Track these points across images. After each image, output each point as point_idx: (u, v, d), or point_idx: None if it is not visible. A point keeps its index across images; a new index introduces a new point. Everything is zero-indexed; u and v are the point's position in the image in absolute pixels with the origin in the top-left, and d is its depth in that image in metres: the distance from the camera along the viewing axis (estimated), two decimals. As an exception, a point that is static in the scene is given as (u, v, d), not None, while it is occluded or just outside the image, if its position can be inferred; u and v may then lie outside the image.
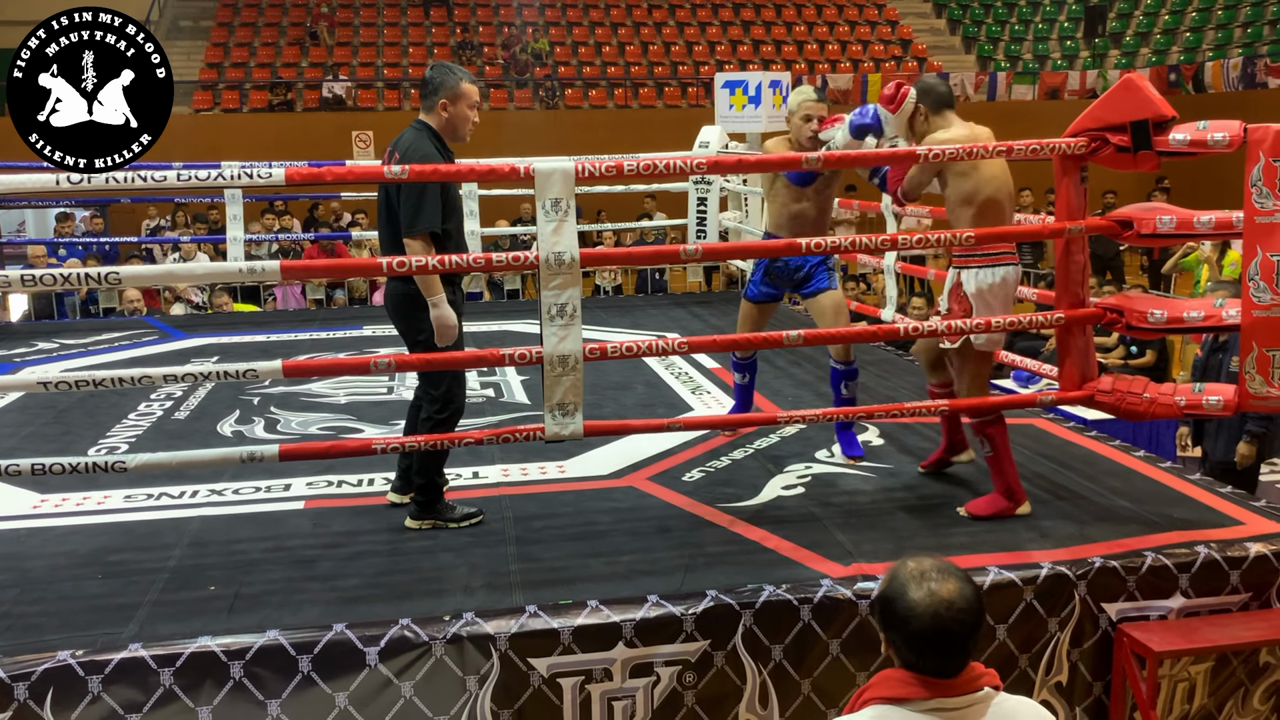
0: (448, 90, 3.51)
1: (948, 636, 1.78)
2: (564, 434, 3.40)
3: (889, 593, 1.85)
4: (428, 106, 3.54)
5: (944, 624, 1.77)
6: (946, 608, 1.78)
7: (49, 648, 2.75)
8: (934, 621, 1.77)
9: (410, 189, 3.36)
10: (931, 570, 1.83)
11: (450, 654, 2.83)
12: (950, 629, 1.78)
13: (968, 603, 1.80)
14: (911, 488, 3.93)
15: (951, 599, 1.79)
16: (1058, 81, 19.38)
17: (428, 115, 3.55)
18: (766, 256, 3.81)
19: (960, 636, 1.79)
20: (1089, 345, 3.72)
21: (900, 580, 1.84)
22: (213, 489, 4.03)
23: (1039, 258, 11.98)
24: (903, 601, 1.81)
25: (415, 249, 3.37)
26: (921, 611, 1.78)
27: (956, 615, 1.78)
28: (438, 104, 3.52)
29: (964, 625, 1.79)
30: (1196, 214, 3.45)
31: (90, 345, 6.97)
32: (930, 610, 1.78)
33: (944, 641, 1.78)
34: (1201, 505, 3.70)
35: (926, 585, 1.80)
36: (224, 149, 12.72)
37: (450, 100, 3.52)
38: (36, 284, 3.08)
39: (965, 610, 1.79)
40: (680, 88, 18.79)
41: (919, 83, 3.77)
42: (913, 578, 1.82)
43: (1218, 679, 3.27)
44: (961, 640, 1.79)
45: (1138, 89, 3.44)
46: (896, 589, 1.83)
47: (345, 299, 9.89)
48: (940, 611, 1.78)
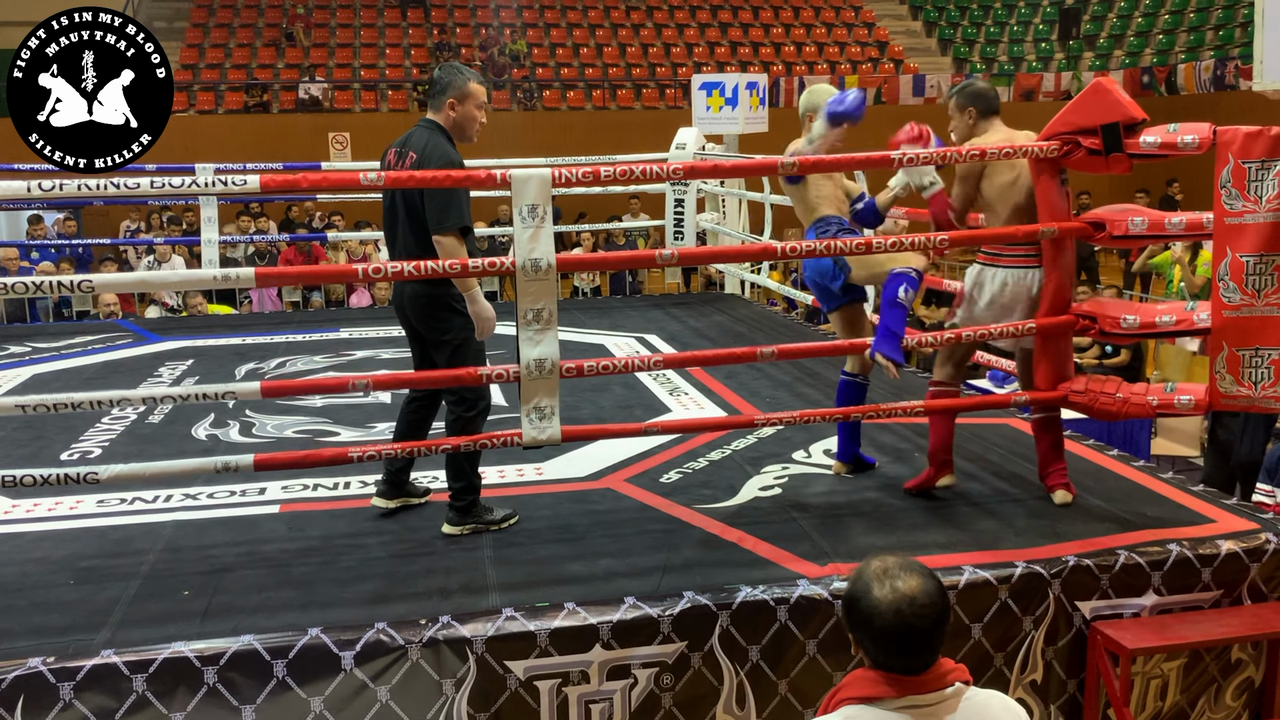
0: (455, 90, 3.50)
1: (912, 633, 1.79)
2: (541, 438, 3.39)
3: (854, 592, 1.86)
4: (435, 106, 3.53)
5: (907, 620, 1.79)
6: (909, 604, 1.79)
7: (19, 654, 2.72)
8: (897, 619, 1.79)
9: (440, 189, 3.35)
10: (895, 567, 1.84)
11: (426, 657, 2.82)
12: (914, 625, 1.79)
13: (930, 598, 1.81)
14: (887, 488, 3.95)
15: (914, 595, 1.80)
16: (1033, 83, 19.54)
17: (436, 114, 3.53)
18: (740, 261, 3.81)
19: (925, 633, 1.80)
20: (1066, 347, 3.75)
21: (864, 579, 1.85)
22: (187, 493, 4.00)
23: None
24: (866, 600, 1.82)
25: (448, 245, 3.36)
26: (885, 609, 1.80)
27: (919, 611, 1.79)
28: (445, 103, 3.51)
29: (928, 621, 1.80)
30: (1168, 215, 3.50)
31: (63, 349, 6.90)
32: (893, 607, 1.79)
33: (909, 638, 1.80)
34: (1174, 504, 3.73)
35: (889, 583, 1.82)
36: (199, 150, 12.63)
37: (458, 99, 3.50)
38: (8, 291, 3.04)
39: (928, 606, 1.80)
40: (658, 89, 18.81)
41: (972, 87, 3.83)
42: (876, 576, 1.84)
43: (1190, 676, 3.31)
44: (926, 636, 1.80)
45: (1107, 92, 3.48)
46: (861, 588, 1.85)
47: (322, 301, 9.85)
48: (903, 608, 1.79)
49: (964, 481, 4.01)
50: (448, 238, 3.37)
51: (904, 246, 3.64)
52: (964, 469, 4.15)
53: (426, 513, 3.79)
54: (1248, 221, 3.24)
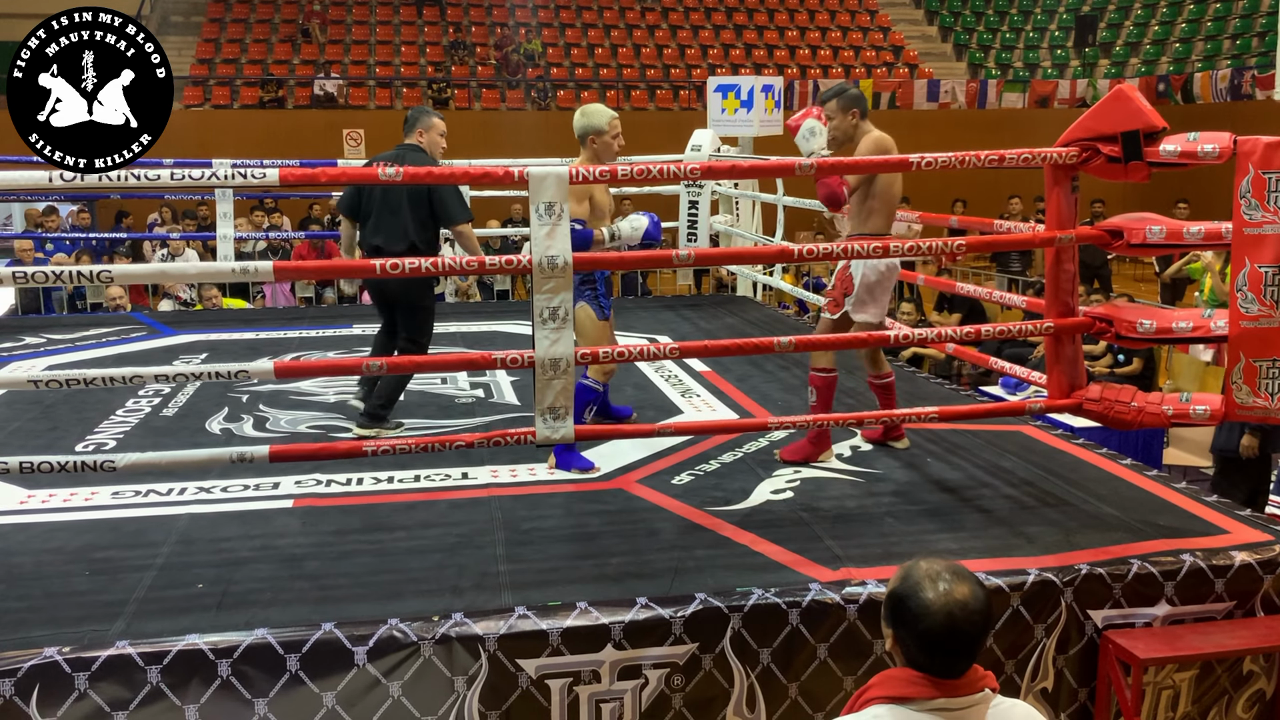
0: (423, 124, 4.70)
1: (960, 637, 1.81)
2: (555, 438, 3.40)
3: (902, 590, 1.87)
4: (410, 133, 4.69)
5: (957, 624, 1.81)
6: (960, 608, 1.81)
7: (35, 644, 2.73)
8: (947, 621, 1.81)
9: (449, 189, 4.50)
10: (945, 571, 1.87)
11: (439, 654, 2.83)
12: (963, 629, 1.81)
13: (981, 605, 1.83)
14: (899, 493, 3.95)
15: (965, 600, 1.82)
16: (1048, 90, 19.50)
17: (413, 139, 4.68)
18: (756, 263, 3.82)
19: (971, 638, 1.82)
20: (1078, 354, 3.74)
21: (914, 579, 1.87)
22: (201, 487, 4.02)
23: (1027, 265, 12.05)
24: (916, 599, 1.84)
25: (468, 231, 4.65)
26: (935, 610, 1.81)
27: (970, 617, 1.81)
28: (417, 132, 4.68)
29: (976, 627, 1.82)
30: (1186, 224, 3.48)
31: (78, 341, 6.93)
32: (944, 610, 1.81)
33: (956, 641, 1.82)
34: (1187, 514, 3.72)
35: (941, 585, 1.84)
36: (214, 146, 12.69)
37: (425, 130, 4.69)
38: (28, 280, 3.06)
39: (978, 612, 1.82)
40: (672, 91, 18.83)
41: (850, 91, 4.24)
42: (927, 577, 1.86)
43: (1201, 687, 3.30)
44: (972, 641, 1.83)
45: (1129, 100, 3.47)
46: (910, 587, 1.86)
47: (334, 297, 9.87)
48: (954, 611, 1.81)
49: (977, 489, 4.00)
50: (465, 226, 4.61)
51: (919, 251, 3.64)
52: (977, 476, 4.15)
53: (440, 509, 3.80)
54: (1267, 232, 3.23)
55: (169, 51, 13.42)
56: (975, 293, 5.41)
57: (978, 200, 13.49)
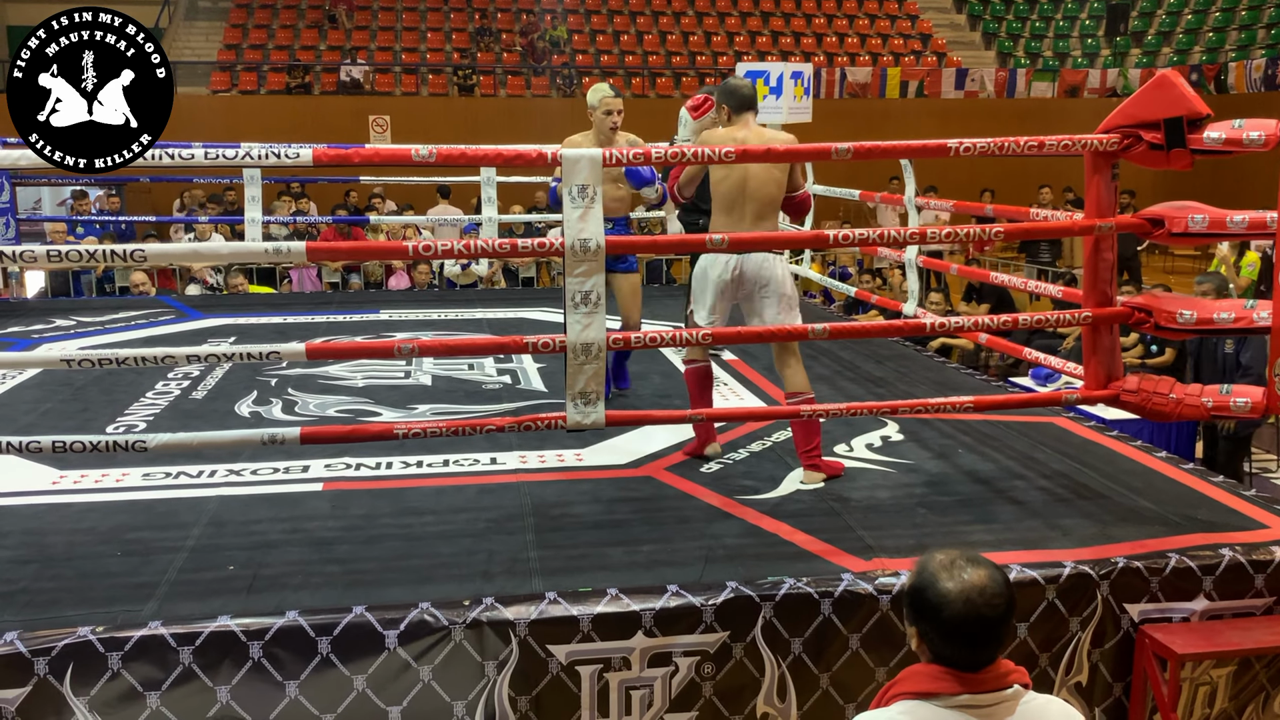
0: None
1: (982, 622, 1.78)
2: (586, 423, 3.38)
3: (919, 583, 1.85)
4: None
5: (977, 610, 1.78)
6: (979, 593, 1.78)
7: (69, 623, 2.74)
8: (967, 607, 1.78)
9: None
10: (961, 559, 1.84)
11: (469, 639, 2.82)
12: (984, 615, 1.78)
13: (1000, 587, 1.80)
14: (932, 484, 3.91)
15: (983, 585, 1.79)
16: (1078, 79, 19.28)
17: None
18: (791, 247, 3.78)
19: (994, 623, 1.79)
20: (1115, 344, 3.69)
21: (930, 570, 1.84)
22: (231, 469, 4.03)
23: (1056, 256, 11.93)
24: (934, 590, 1.81)
25: None
26: (954, 598, 1.78)
27: (990, 600, 1.78)
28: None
29: (997, 611, 1.79)
30: (1229, 213, 3.42)
31: (107, 324, 6.98)
32: (963, 597, 1.78)
33: (978, 628, 1.78)
34: (1225, 508, 3.67)
35: (957, 573, 1.81)
36: (240, 130, 12.71)
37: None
38: (62, 259, 3.07)
39: (998, 595, 1.79)
40: (698, 78, 18.72)
41: (725, 84, 4.10)
42: (943, 566, 1.83)
43: (1239, 683, 3.24)
44: (994, 627, 1.79)
45: (1172, 85, 3.40)
46: (927, 578, 1.83)
47: (360, 283, 9.89)
48: (973, 597, 1.78)
49: (1009, 480, 3.96)
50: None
51: (954, 239, 3.58)
52: (1010, 468, 4.10)
53: (469, 494, 3.80)
54: (1314, 221, 3.17)
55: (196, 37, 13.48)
56: (1007, 282, 5.34)
57: (1005, 190, 13.33)
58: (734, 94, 4.01)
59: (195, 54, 18.15)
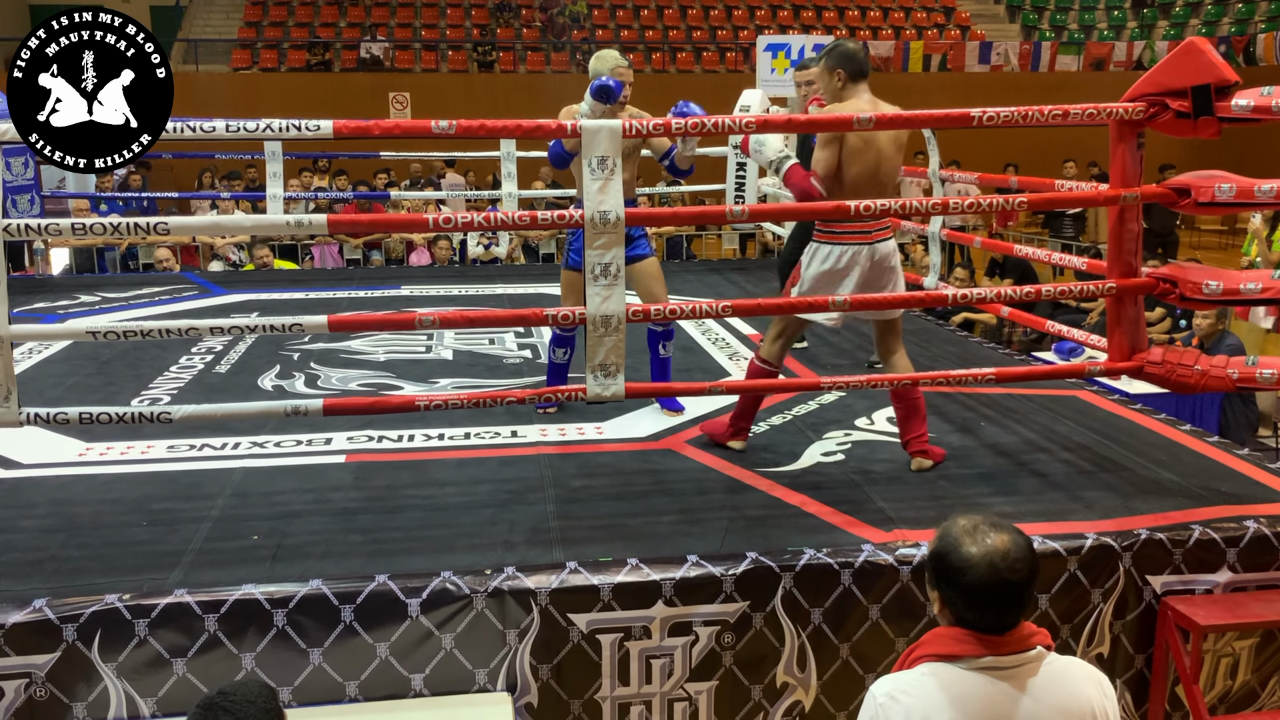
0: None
1: (1005, 586, 1.78)
2: (606, 395, 3.38)
3: (942, 548, 1.85)
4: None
5: (1000, 574, 1.78)
6: (1002, 557, 1.79)
7: (96, 591, 2.78)
8: (990, 572, 1.78)
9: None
10: (983, 524, 1.84)
11: (491, 607, 2.84)
12: (1007, 579, 1.78)
13: (1023, 552, 1.81)
14: (953, 456, 3.89)
15: (1007, 549, 1.79)
16: (1103, 52, 19.03)
17: None
18: (814, 218, 3.76)
19: (1017, 587, 1.79)
20: (1140, 316, 3.65)
21: (953, 535, 1.84)
22: (254, 441, 4.06)
23: (1080, 230, 11.81)
24: (957, 554, 1.81)
25: None
26: (977, 562, 1.79)
27: (1013, 565, 1.79)
28: None
29: (1020, 575, 1.79)
30: (1257, 182, 3.37)
31: (131, 299, 7.03)
32: (986, 560, 1.78)
33: (1001, 592, 1.79)
34: (1250, 480, 3.64)
35: (980, 537, 1.81)
36: (261, 108, 12.74)
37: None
38: (86, 233, 3.09)
39: (1021, 560, 1.80)
40: (718, 52, 18.61)
41: (841, 48, 3.66)
42: (966, 531, 1.84)
43: (1262, 655, 3.23)
44: (1018, 591, 1.80)
45: (1200, 53, 3.35)
46: (950, 543, 1.84)
47: (382, 260, 9.92)
48: (996, 561, 1.78)
49: (1032, 453, 3.94)
50: None
51: (979, 209, 3.55)
52: (1033, 440, 4.08)
53: (490, 466, 3.81)
54: (1344, 190, 3.12)
55: (217, 15, 13.49)
56: (1031, 255, 5.30)
57: (1030, 164, 13.20)
58: (851, 59, 3.62)
59: (216, 32, 18.18)
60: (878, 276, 3.71)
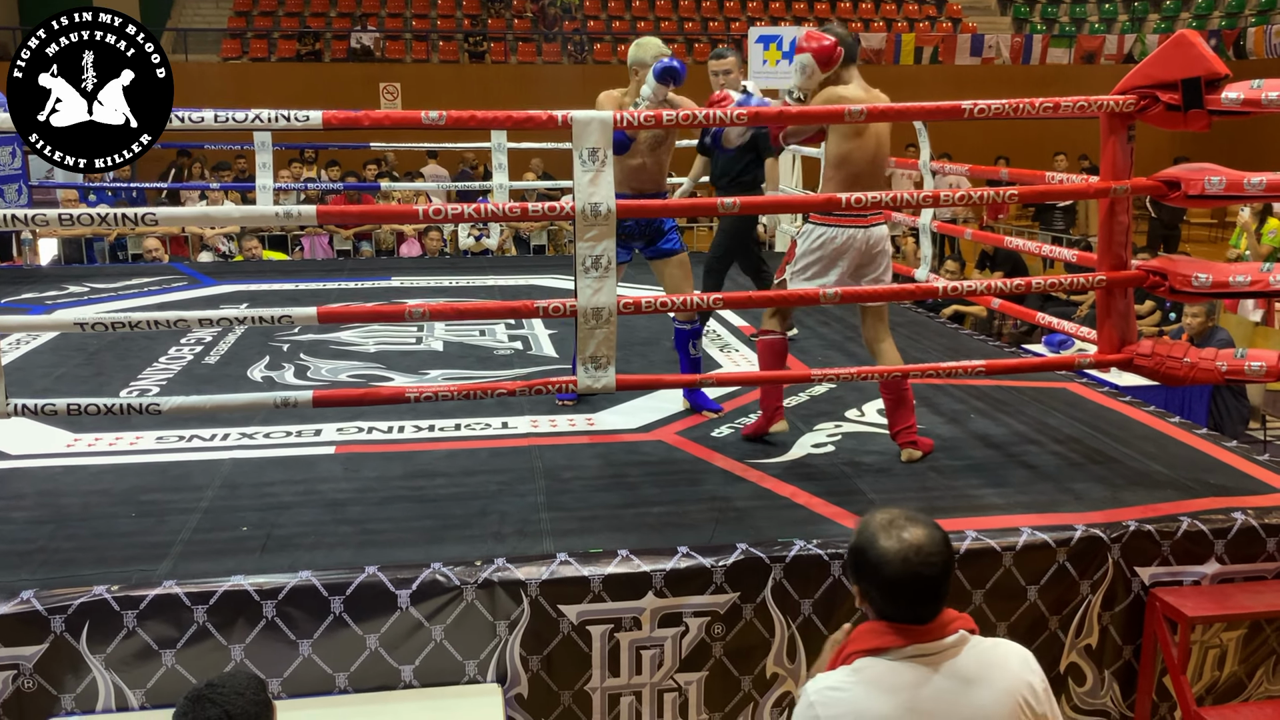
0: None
1: (920, 580, 1.82)
2: (597, 386, 3.38)
3: (860, 543, 1.88)
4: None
5: (914, 568, 1.81)
6: (916, 552, 1.82)
7: (84, 582, 2.77)
8: (905, 566, 1.81)
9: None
10: (900, 518, 1.87)
11: (481, 599, 2.84)
12: (921, 573, 1.81)
13: (937, 546, 1.84)
14: (943, 448, 3.90)
15: (920, 544, 1.83)
16: (1095, 45, 19.05)
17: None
18: (804, 211, 3.75)
19: (932, 580, 1.82)
20: (1129, 308, 3.66)
21: (870, 531, 1.88)
22: (244, 432, 4.05)
23: (1070, 224, 11.84)
24: (874, 550, 1.85)
25: None
26: (892, 557, 1.82)
27: (927, 559, 1.82)
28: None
29: (934, 569, 1.82)
30: (1247, 175, 3.38)
31: (120, 290, 7.00)
32: (901, 556, 1.82)
33: (916, 586, 1.82)
34: (1238, 472, 3.65)
35: (896, 532, 1.84)
36: (251, 98, 12.68)
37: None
38: (74, 223, 3.07)
39: (935, 554, 1.83)
40: (710, 44, 18.55)
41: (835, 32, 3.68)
42: (882, 526, 1.87)
43: (1249, 646, 3.25)
44: (933, 584, 1.83)
45: (1191, 45, 3.35)
46: (867, 539, 1.87)
47: (372, 251, 9.89)
48: (910, 556, 1.82)
49: (1022, 445, 3.95)
50: None
51: (969, 201, 3.56)
52: (1022, 432, 4.09)
53: (481, 457, 3.81)
54: (1333, 182, 3.13)
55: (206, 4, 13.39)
56: (1022, 247, 5.31)
57: (1020, 158, 13.21)
58: (840, 43, 3.63)
59: (205, 21, 18.08)
60: (869, 260, 3.74)
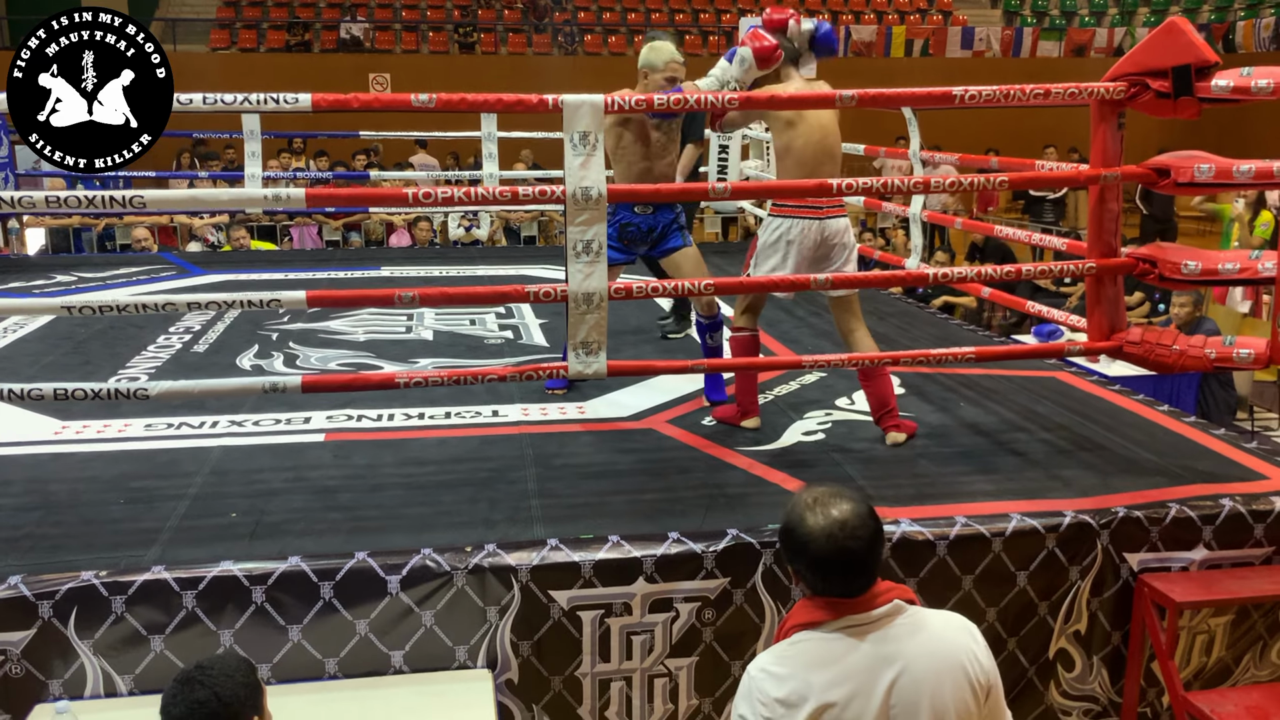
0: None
1: (847, 554, 1.85)
2: (588, 372, 3.38)
3: (788, 523, 1.91)
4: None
5: (840, 543, 1.84)
6: (840, 528, 1.85)
7: (72, 568, 2.75)
8: (830, 543, 1.84)
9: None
10: (825, 496, 1.90)
11: (471, 584, 2.83)
12: (847, 547, 1.84)
13: (862, 520, 1.87)
14: (932, 435, 3.91)
15: (845, 519, 1.85)
16: (1085, 39, 19.08)
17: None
18: (796, 199, 3.75)
19: (859, 554, 1.85)
20: (1119, 296, 3.67)
21: (797, 510, 1.90)
22: (233, 420, 4.03)
23: (1060, 216, 11.87)
24: (801, 529, 1.87)
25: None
26: (818, 535, 1.85)
27: (852, 533, 1.85)
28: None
29: (860, 542, 1.85)
30: (1236, 163, 3.38)
31: (108, 279, 6.97)
32: (825, 533, 1.85)
33: (843, 561, 1.85)
34: (1226, 459, 3.67)
35: (820, 510, 1.87)
36: (239, 88, 12.55)
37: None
38: (61, 206, 3.05)
39: (860, 528, 1.85)
40: (701, 36, 18.56)
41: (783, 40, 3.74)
42: (807, 506, 1.89)
43: (1237, 632, 3.27)
44: (861, 558, 1.86)
45: (1181, 33, 3.35)
46: (794, 519, 1.90)
47: (361, 241, 9.86)
48: (835, 532, 1.84)
49: (1011, 432, 3.96)
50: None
51: (960, 189, 3.55)
52: (1012, 420, 4.10)
53: (471, 445, 3.80)
54: (1322, 170, 3.14)
55: (196, -9, 12.96)
56: (1011, 236, 5.32)
57: (1010, 149, 13.22)
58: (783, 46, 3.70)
59: (194, 11, 17.98)
60: (826, 253, 3.80)
